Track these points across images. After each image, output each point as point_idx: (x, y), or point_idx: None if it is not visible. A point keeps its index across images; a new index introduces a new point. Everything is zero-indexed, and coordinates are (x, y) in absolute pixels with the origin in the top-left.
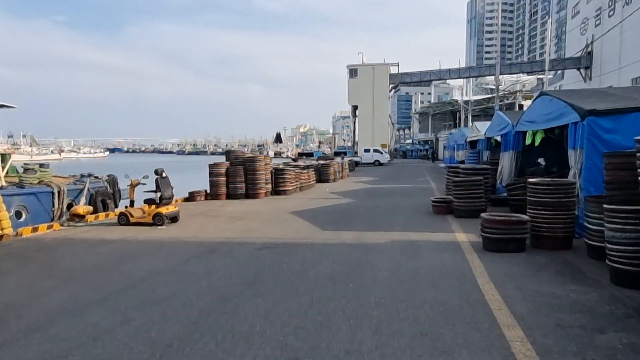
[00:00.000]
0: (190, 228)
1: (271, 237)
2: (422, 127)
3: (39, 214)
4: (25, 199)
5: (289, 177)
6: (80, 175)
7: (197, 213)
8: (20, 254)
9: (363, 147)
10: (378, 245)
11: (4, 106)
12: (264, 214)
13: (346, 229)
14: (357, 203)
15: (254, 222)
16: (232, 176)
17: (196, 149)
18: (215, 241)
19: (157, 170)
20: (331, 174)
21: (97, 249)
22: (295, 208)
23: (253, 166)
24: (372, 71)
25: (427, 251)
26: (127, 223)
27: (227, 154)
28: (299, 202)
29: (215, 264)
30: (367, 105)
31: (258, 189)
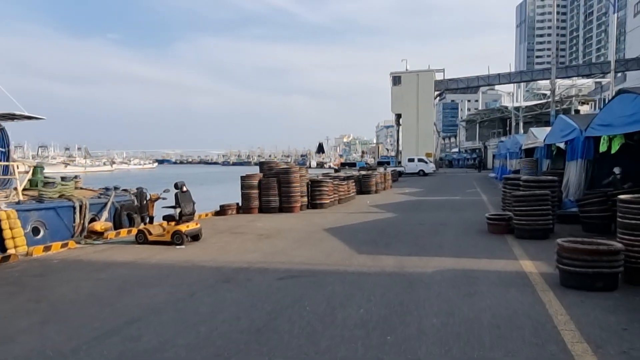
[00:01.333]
0: (210, 248)
1: (297, 263)
2: (469, 135)
3: (58, 230)
4: (44, 214)
5: (326, 189)
6: (105, 189)
7: (223, 230)
8: (16, 281)
9: (407, 156)
10: (424, 276)
11: (34, 118)
12: (295, 232)
13: (386, 251)
14: (399, 218)
15: (282, 242)
16: (265, 189)
17: (240, 160)
18: (233, 266)
19: (177, 184)
20: (372, 185)
21: (100, 274)
22: (331, 224)
23: (287, 178)
24: (416, 78)
25: (487, 286)
26: (145, 242)
27: (260, 165)
28: (335, 217)
29: (224, 300)
30: (411, 114)
31: (292, 202)
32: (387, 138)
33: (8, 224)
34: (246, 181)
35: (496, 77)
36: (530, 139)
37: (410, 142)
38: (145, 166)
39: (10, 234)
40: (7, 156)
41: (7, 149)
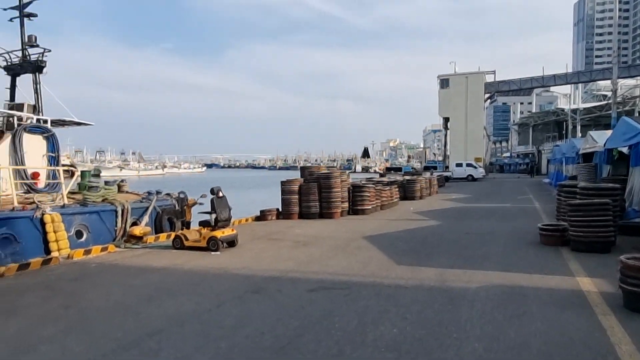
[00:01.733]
0: (245, 256)
1: (331, 273)
2: (521, 139)
3: (100, 234)
4: (87, 217)
5: (367, 195)
6: (147, 193)
7: (260, 236)
8: (53, 284)
9: (455, 161)
10: (467, 292)
11: (82, 123)
12: (334, 239)
13: (427, 263)
14: (444, 226)
15: (318, 250)
16: (305, 194)
17: (286, 164)
18: (265, 275)
19: (213, 189)
20: (417, 191)
21: (133, 280)
22: (371, 231)
23: (328, 183)
24: (465, 81)
25: (539, 306)
26: (182, 247)
27: (301, 170)
28: (376, 224)
29: (251, 312)
30: (460, 117)
31: (333, 208)
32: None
33: (52, 227)
34: (286, 186)
35: (551, 78)
36: (588, 143)
37: (459, 146)
38: (195, 170)
39: (54, 237)
40: (56, 161)
41: (57, 153)
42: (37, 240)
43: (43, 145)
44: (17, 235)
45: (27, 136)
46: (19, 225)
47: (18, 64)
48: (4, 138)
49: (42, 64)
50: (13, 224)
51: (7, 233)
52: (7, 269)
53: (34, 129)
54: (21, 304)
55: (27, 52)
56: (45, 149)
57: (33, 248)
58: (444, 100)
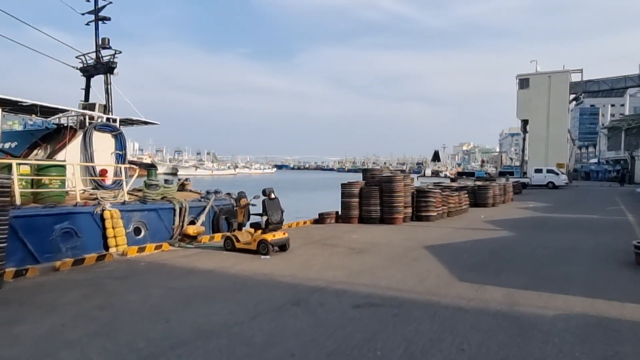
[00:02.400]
0: (294, 261)
1: (383, 287)
2: (611, 144)
3: (158, 231)
4: (146, 215)
5: (433, 200)
6: (206, 192)
7: (315, 240)
8: (98, 282)
9: (533, 166)
10: (542, 321)
11: (149, 123)
12: (391, 247)
13: (494, 280)
14: (517, 238)
15: (373, 259)
16: (366, 198)
17: (355, 167)
18: (310, 285)
19: (265, 190)
20: (490, 198)
21: (176, 282)
22: (434, 240)
23: (390, 187)
24: (548, 80)
25: (635, 346)
26: (233, 249)
27: (363, 173)
28: (440, 232)
29: (285, 328)
30: (540, 120)
31: (395, 213)
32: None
33: (111, 223)
34: (347, 189)
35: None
36: None
37: (539, 150)
38: (265, 171)
39: (112, 233)
40: (123, 158)
41: (124, 151)
42: (97, 236)
43: (111, 143)
44: (78, 230)
45: (96, 134)
46: (80, 220)
47: (92, 65)
48: (76, 136)
49: (113, 65)
50: (74, 219)
51: (68, 227)
52: (62, 263)
53: (103, 127)
54: (63, 300)
55: (100, 54)
56: (114, 146)
57: (93, 243)
58: (523, 101)
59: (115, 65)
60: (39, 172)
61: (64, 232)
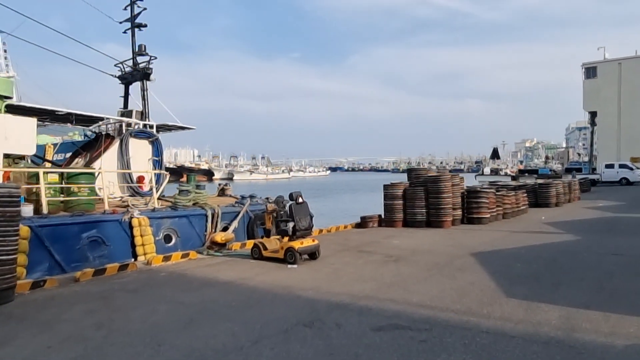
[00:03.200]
0: (322, 271)
1: (414, 304)
2: None
3: (189, 238)
4: (177, 222)
5: (485, 201)
6: (241, 197)
7: (351, 246)
8: (109, 295)
9: (604, 161)
10: (609, 353)
11: (186, 128)
12: (434, 255)
13: (550, 296)
14: (582, 243)
15: (410, 269)
16: (411, 199)
17: (409, 167)
18: (332, 300)
19: (292, 194)
20: (552, 197)
21: (188, 295)
22: (483, 246)
23: (437, 188)
24: (618, 68)
25: None
26: (260, 257)
27: (408, 173)
28: (492, 237)
29: (288, 355)
30: (611, 111)
31: (442, 215)
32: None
33: (139, 231)
34: (389, 191)
35: None
36: None
37: (609, 144)
38: (319, 173)
39: (140, 241)
40: (160, 164)
41: (160, 157)
42: (125, 244)
43: (148, 149)
44: (106, 238)
45: (133, 141)
46: (107, 228)
47: (129, 72)
48: (113, 143)
49: (149, 71)
50: (102, 227)
51: (96, 236)
52: (82, 274)
53: (140, 134)
54: (64, 317)
55: (136, 60)
56: (151, 152)
57: (121, 251)
58: (591, 92)
59: (151, 72)
60: (68, 180)
61: (92, 240)
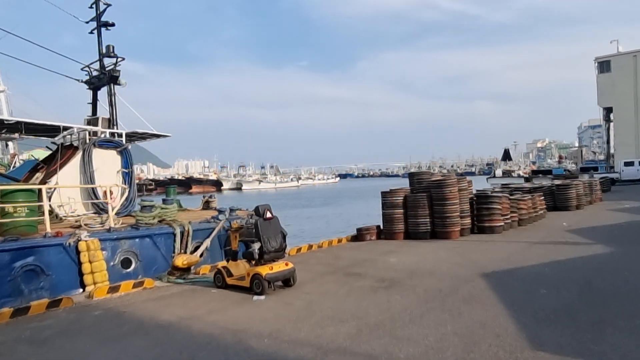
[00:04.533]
0: (292, 306)
1: (402, 359)
2: None
3: (153, 261)
4: (138, 243)
5: (497, 207)
6: (218, 211)
7: (339, 267)
8: (5, 351)
9: (621, 159)
10: None
11: (161, 135)
12: (436, 277)
13: (593, 349)
14: (618, 257)
15: (404, 300)
16: (412, 208)
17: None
18: (289, 357)
19: (259, 208)
20: (572, 199)
21: (102, 350)
22: (498, 263)
23: (441, 193)
24: (633, 61)
25: None
26: (224, 285)
27: (409, 178)
28: (508, 250)
29: None
30: (627, 106)
31: (449, 225)
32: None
33: (87, 257)
34: (388, 198)
35: None
36: None
37: (627, 141)
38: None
39: (89, 268)
40: (130, 177)
41: (130, 169)
42: (71, 272)
43: (117, 160)
44: (46, 267)
45: (98, 152)
46: (48, 255)
47: (96, 76)
48: (75, 154)
49: (116, 74)
50: (41, 254)
51: (33, 264)
52: None
53: (106, 144)
54: None
55: (103, 62)
56: (120, 164)
57: (66, 281)
58: (605, 87)
59: (119, 74)
60: (3, 199)
61: (28, 270)
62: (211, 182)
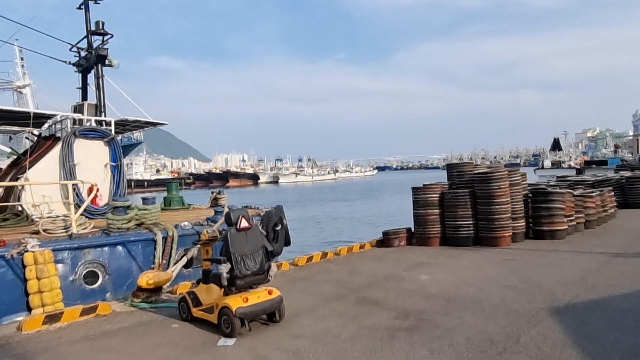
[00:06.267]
0: (269, 358)
1: None
2: None
3: (127, 274)
4: (107, 252)
5: (559, 205)
6: (215, 211)
7: (351, 289)
8: None
9: None
10: None
11: (158, 124)
12: (483, 311)
13: None
14: None
15: (434, 358)
16: (451, 207)
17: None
18: None
19: (230, 215)
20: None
21: None
22: (571, 289)
23: (488, 189)
24: None
25: None
26: (189, 317)
27: (448, 170)
28: (580, 265)
29: None
30: None
31: (497, 229)
32: None
33: (34, 272)
34: (420, 195)
35: None
36: None
37: None
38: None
39: (36, 286)
40: (119, 170)
41: (119, 162)
42: (15, 291)
43: (104, 152)
44: None
45: (81, 142)
46: None
47: (84, 56)
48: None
49: (103, 52)
50: None
51: None
52: None
53: (90, 133)
54: None
55: (90, 40)
56: (108, 156)
57: (8, 303)
58: None
59: (107, 53)
60: None
61: None
62: (248, 176)
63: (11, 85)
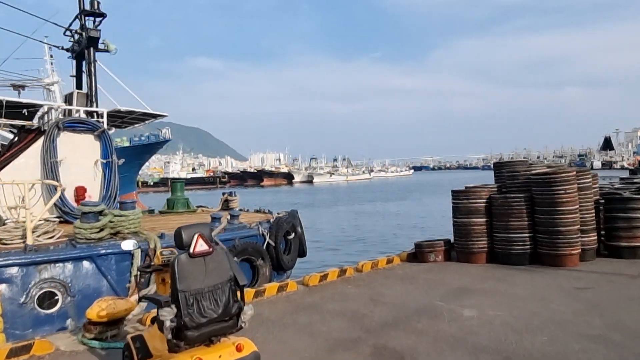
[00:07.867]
0: None
1: None
2: None
3: (95, 295)
4: (69, 268)
5: None
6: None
7: (366, 328)
8: None
9: None
10: None
11: (158, 115)
12: None
13: None
14: None
15: None
16: (501, 216)
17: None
18: None
19: (181, 234)
20: None
21: None
22: None
23: (550, 194)
24: None
25: None
26: None
27: (496, 170)
28: None
29: None
30: None
31: (563, 244)
32: None
33: None
34: (462, 201)
35: None
36: None
37: None
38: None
39: None
40: (110, 168)
41: (111, 158)
42: None
43: (95, 147)
44: None
45: (67, 135)
46: None
47: (77, 40)
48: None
49: (95, 34)
50: None
51: None
52: None
53: (77, 125)
54: None
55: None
56: (98, 151)
57: None
58: None
59: (99, 35)
60: None
61: None
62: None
63: (41, 83)
